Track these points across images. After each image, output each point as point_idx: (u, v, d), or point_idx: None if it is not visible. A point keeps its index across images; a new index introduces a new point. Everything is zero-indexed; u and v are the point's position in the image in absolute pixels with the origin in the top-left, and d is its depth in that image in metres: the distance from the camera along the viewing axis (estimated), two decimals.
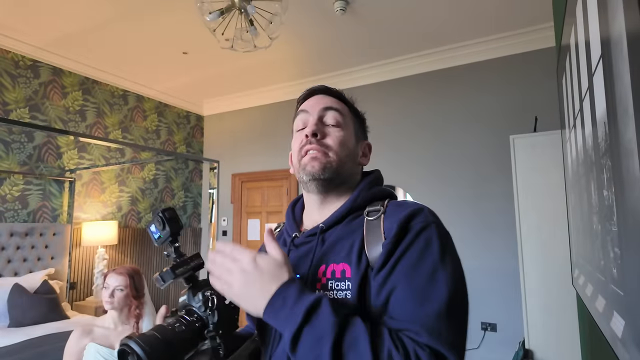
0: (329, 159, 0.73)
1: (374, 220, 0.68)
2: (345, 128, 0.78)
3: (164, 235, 0.71)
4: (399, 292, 0.60)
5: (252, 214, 4.95)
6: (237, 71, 4.23)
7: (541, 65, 3.31)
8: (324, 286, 0.66)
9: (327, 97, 0.81)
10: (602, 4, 0.69)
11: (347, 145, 0.77)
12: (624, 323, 0.68)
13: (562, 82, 1.48)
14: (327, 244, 0.70)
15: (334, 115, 0.77)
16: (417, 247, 0.63)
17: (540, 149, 2.34)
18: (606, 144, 0.72)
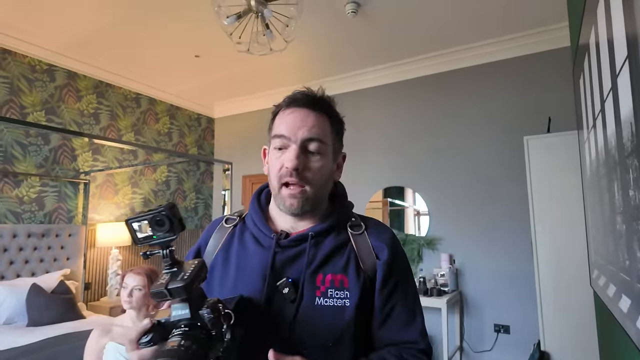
0: (307, 195, 0.75)
1: (359, 235, 0.79)
2: (326, 155, 0.78)
3: (162, 237, 0.60)
4: (399, 309, 0.76)
5: None
6: (247, 74, 4.26)
7: (553, 65, 3.29)
8: (324, 293, 0.72)
9: (312, 114, 0.77)
10: (628, 3, 0.69)
11: (325, 173, 0.78)
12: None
13: (580, 82, 1.47)
14: (320, 254, 0.75)
15: (317, 146, 0.76)
16: (405, 269, 0.81)
17: (555, 150, 2.33)
18: (632, 145, 0.72)
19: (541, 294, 2.35)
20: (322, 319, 0.71)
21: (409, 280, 0.81)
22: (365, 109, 4.27)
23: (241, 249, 0.80)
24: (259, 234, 0.79)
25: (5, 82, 3.34)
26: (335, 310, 0.71)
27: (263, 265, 0.74)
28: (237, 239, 0.82)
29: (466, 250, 3.58)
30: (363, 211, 4.13)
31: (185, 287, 0.56)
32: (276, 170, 0.77)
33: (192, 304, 0.58)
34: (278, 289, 0.72)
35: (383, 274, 0.75)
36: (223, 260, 0.80)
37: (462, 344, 3.54)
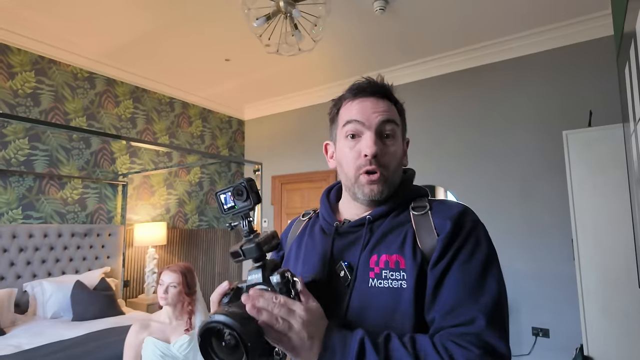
0: (386, 181, 0.75)
1: (421, 215, 0.73)
2: (398, 139, 0.79)
3: (242, 207, 0.68)
4: (455, 285, 0.65)
5: (292, 215, 5.01)
6: (276, 75, 4.31)
7: (592, 56, 3.13)
8: (378, 275, 0.69)
9: (380, 101, 0.78)
10: None
11: (398, 157, 0.78)
12: None
13: (625, 71, 1.39)
14: (376, 235, 0.73)
15: (392, 128, 0.77)
16: (470, 245, 0.68)
17: (597, 145, 2.22)
18: None
19: (583, 296, 2.24)
20: (376, 301, 0.68)
21: (475, 256, 0.67)
22: None
23: (310, 240, 0.83)
24: (325, 224, 0.82)
25: (51, 90, 3.54)
26: (390, 293, 0.67)
27: (324, 252, 0.77)
28: (309, 231, 0.86)
29: (501, 251, 3.45)
30: None
31: (256, 247, 0.64)
32: (352, 159, 0.76)
33: (265, 270, 0.64)
34: (335, 272, 0.73)
35: (439, 249, 0.67)
36: (295, 251, 0.85)
37: None
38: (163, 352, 1.84)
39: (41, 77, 3.48)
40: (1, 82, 3.23)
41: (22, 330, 2.72)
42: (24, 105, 3.36)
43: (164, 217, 4.44)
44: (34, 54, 3.43)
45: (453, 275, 0.66)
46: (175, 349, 1.86)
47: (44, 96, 3.49)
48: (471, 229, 0.69)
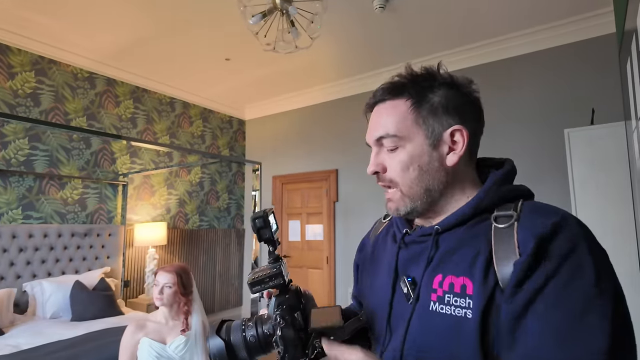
0: (398, 196, 0.67)
1: (505, 228, 0.57)
2: (406, 146, 0.65)
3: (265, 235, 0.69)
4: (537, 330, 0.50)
5: (293, 215, 5.00)
6: (276, 75, 4.30)
7: (593, 54, 3.09)
8: (441, 299, 0.59)
9: (382, 107, 0.68)
10: None
11: (414, 162, 0.65)
12: None
13: (627, 68, 1.36)
14: (442, 250, 0.62)
15: (389, 141, 0.66)
16: (562, 277, 0.51)
17: (599, 143, 2.18)
18: None
19: None
20: (437, 329, 0.58)
21: (570, 290, 0.50)
22: None
23: (382, 244, 0.77)
24: (396, 230, 0.73)
25: (51, 90, 3.54)
26: (452, 322, 0.56)
27: (390, 263, 0.69)
28: (383, 236, 0.79)
29: None
30: None
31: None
32: None
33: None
34: (400, 287, 0.65)
35: (516, 276, 0.52)
36: (370, 254, 0.79)
37: None
38: (159, 353, 1.83)
39: (41, 77, 3.48)
40: (1, 82, 3.23)
41: (21, 330, 2.71)
42: (24, 106, 3.36)
43: (164, 217, 4.44)
44: (34, 54, 3.43)
45: (535, 316, 0.50)
46: (171, 350, 1.85)
47: (44, 96, 3.49)
48: (566, 254, 0.51)
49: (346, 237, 4.44)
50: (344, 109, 4.59)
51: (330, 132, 4.68)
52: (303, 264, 4.83)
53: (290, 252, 4.96)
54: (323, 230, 4.66)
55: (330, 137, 4.67)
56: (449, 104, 0.65)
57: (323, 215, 4.68)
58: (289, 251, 4.97)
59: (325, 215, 4.64)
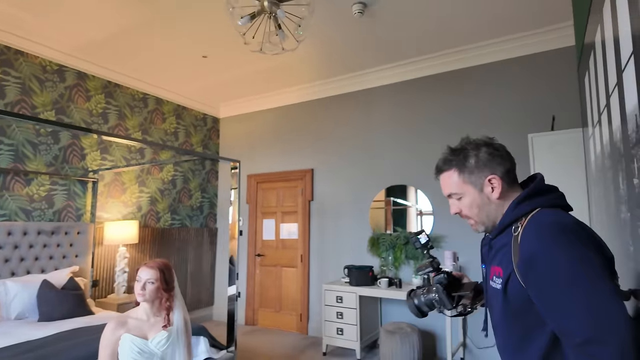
0: (475, 223, 1.08)
1: (516, 235, 0.95)
2: (465, 195, 1.06)
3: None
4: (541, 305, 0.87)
5: (268, 214, 5.03)
6: (254, 74, 4.31)
7: (557, 65, 3.33)
8: (493, 280, 1.02)
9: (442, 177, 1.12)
10: (633, 2, 0.73)
11: (475, 204, 1.05)
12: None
13: (585, 80, 1.51)
14: (494, 250, 1.05)
15: (455, 195, 1.09)
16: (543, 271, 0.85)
17: (560, 148, 2.37)
18: (637, 135, 0.77)
19: None
20: (492, 297, 1.03)
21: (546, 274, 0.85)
22: (374, 107, 4.32)
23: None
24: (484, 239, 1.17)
25: (17, 82, 3.40)
26: (495, 292, 1.00)
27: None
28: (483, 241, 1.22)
29: (470, 248, 3.62)
30: (367, 210, 4.18)
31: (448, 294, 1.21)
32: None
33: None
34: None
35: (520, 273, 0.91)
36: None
37: (465, 340, 3.58)
38: (141, 349, 1.82)
39: (7, 69, 3.33)
40: None
41: None
42: None
43: (135, 215, 4.34)
44: None
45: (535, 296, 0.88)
46: (153, 346, 1.85)
47: (10, 88, 3.35)
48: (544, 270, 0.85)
49: (321, 235, 4.51)
50: (321, 110, 4.67)
51: (306, 133, 4.74)
52: (277, 263, 4.86)
53: (264, 251, 4.98)
54: (298, 229, 4.71)
55: (306, 137, 4.73)
56: (480, 163, 1.04)
57: (298, 214, 4.73)
58: (263, 250, 4.99)
59: (301, 214, 4.70)
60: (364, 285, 3.64)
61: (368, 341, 3.76)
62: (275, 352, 3.87)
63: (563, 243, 0.83)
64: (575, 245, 0.82)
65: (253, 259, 5.03)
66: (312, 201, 4.62)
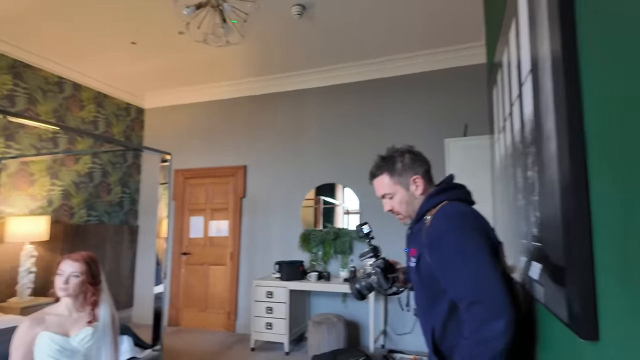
0: (405, 217, 1.30)
1: (426, 222, 1.17)
2: (396, 194, 1.28)
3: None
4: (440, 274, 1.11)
5: (196, 211, 4.89)
6: (185, 65, 4.19)
7: (470, 79, 3.77)
8: (410, 260, 1.24)
9: (375, 182, 1.34)
10: (533, 33, 0.93)
11: (404, 201, 1.27)
12: (541, 267, 0.92)
13: (494, 93, 1.78)
14: (412, 235, 1.28)
15: (387, 195, 1.30)
16: (438, 246, 1.11)
17: (471, 152, 2.71)
18: (532, 136, 0.97)
19: None
20: (411, 273, 1.26)
21: (449, 258, 1.08)
22: (306, 108, 4.45)
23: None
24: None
25: None
26: (412, 269, 1.23)
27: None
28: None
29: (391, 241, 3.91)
30: (299, 207, 4.29)
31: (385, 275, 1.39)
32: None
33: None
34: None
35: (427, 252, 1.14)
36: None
37: (385, 328, 3.86)
38: (61, 347, 1.71)
39: None
40: None
41: None
42: None
43: (45, 210, 3.95)
44: None
45: (436, 268, 1.11)
46: (76, 343, 1.75)
47: None
48: (439, 235, 1.11)
49: (252, 232, 4.52)
50: (255, 107, 4.68)
51: (239, 129, 4.71)
52: (205, 261, 4.75)
53: (190, 249, 4.83)
54: (228, 227, 4.66)
55: (239, 134, 4.70)
56: (405, 166, 1.27)
57: (229, 211, 4.68)
58: (190, 248, 4.84)
59: (231, 211, 4.65)
60: (294, 279, 3.74)
61: (296, 334, 3.87)
62: (201, 350, 3.79)
63: (456, 227, 1.08)
64: (466, 230, 1.07)
65: (178, 257, 4.86)
66: (244, 198, 4.61)
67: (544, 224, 0.88)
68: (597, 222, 0.62)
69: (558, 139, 0.73)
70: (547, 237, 0.86)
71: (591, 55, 0.63)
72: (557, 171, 0.73)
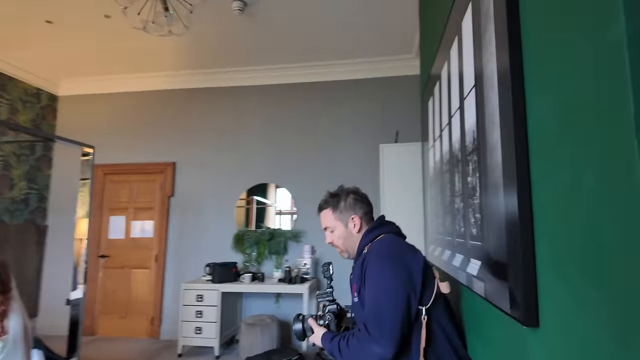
0: (343, 251, 1.46)
1: (364, 256, 1.31)
2: (336, 229, 1.44)
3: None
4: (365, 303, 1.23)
5: (117, 210, 4.53)
6: (110, 51, 3.86)
7: (403, 88, 4.01)
8: (354, 296, 1.32)
9: (320, 215, 1.49)
10: (477, 52, 1.03)
11: (341, 237, 1.44)
12: (480, 263, 1.03)
13: (429, 104, 1.92)
14: (355, 271, 1.37)
15: (329, 229, 1.47)
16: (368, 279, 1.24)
17: (402, 156, 2.89)
18: (473, 145, 1.07)
19: None
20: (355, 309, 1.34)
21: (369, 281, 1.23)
22: (244, 106, 4.36)
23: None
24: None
25: None
26: (356, 304, 1.30)
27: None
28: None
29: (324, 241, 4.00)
30: (233, 208, 4.19)
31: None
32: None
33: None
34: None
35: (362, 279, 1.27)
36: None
37: None
38: None
39: None
40: None
41: None
42: None
43: None
44: None
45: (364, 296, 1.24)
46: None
47: None
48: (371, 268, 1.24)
49: (180, 233, 4.30)
50: (188, 101, 4.47)
51: (169, 123, 4.46)
52: (126, 264, 4.42)
53: (109, 251, 4.46)
54: (154, 227, 4.38)
55: (169, 129, 4.45)
56: (347, 206, 1.44)
57: (155, 210, 4.40)
58: (108, 250, 4.46)
59: (158, 211, 4.38)
60: (227, 281, 3.64)
61: (227, 337, 3.77)
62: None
63: (384, 256, 1.24)
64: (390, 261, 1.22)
65: (95, 260, 4.45)
66: (173, 197, 4.37)
67: (485, 225, 0.99)
68: (538, 223, 0.72)
69: (503, 149, 0.82)
70: (488, 237, 0.95)
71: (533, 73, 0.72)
72: (502, 177, 0.83)
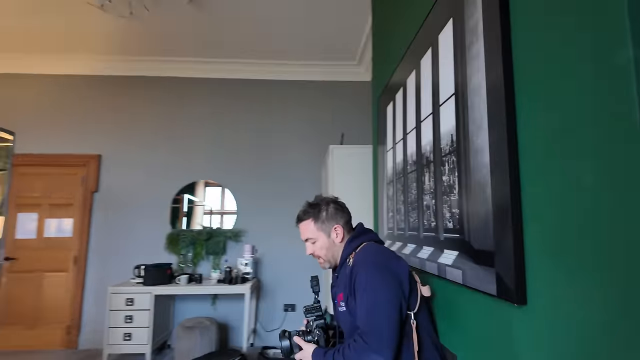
0: (325, 262, 1.45)
1: (349, 264, 1.32)
2: (318, 239, 1.43)
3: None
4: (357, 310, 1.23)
5: (27, 206, 4.01)
6: (33, 27, 3.41)
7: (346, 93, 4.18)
8: (340, 305, 1.33)
9: (300, 225, 1.47)
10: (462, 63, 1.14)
11: (324, 247, 1.43)
12: (457, 253, 1.14)
13: (388, 109, 2.05)
14: (339, 280, 1.40)
15: (310, 240, 1.45)
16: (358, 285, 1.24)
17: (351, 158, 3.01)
18: (451, 147, 1.19)
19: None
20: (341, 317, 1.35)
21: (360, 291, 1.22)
22: (185, 99, 4.17)
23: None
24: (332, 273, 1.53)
25: None
26: (343, 313, 1.31)
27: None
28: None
29: (266, 241, 3.99)
30: (167, 206, 3.96)
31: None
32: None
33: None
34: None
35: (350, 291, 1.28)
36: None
37: (255, 326, 3.89)
38: None
39: None
40: None
41: None
42: None
43: None
44: None
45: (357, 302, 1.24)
46: None
47: None
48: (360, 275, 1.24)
49: (105, 233, 3.95)
50: (119, 89, 4.13)
51: (95, 112, 4.08)
52: (37, 268, 3.93)
53: (17, 254, 3.92)
54: (73, 225, 3.96)
55: (95, 118, 4.07)
56: (329, 215, 1.44)
57: (75, 207, 3.98)
58: (15, 252, 3.92)
59: (79, 208, 3.97)
60: (161, 283, 3.43)
61: (159, 343, 3.56)
62: None
63: (372, 263, 1.25)
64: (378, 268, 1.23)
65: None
66: (97, 192, 4.00)
67: (464, 218, 1.10)
68: (527, 213, 0.84)
69: (491, 150, 0.94)
70: (469, 229, 1.07)
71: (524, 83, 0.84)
72: (490, 176, 0.94)
